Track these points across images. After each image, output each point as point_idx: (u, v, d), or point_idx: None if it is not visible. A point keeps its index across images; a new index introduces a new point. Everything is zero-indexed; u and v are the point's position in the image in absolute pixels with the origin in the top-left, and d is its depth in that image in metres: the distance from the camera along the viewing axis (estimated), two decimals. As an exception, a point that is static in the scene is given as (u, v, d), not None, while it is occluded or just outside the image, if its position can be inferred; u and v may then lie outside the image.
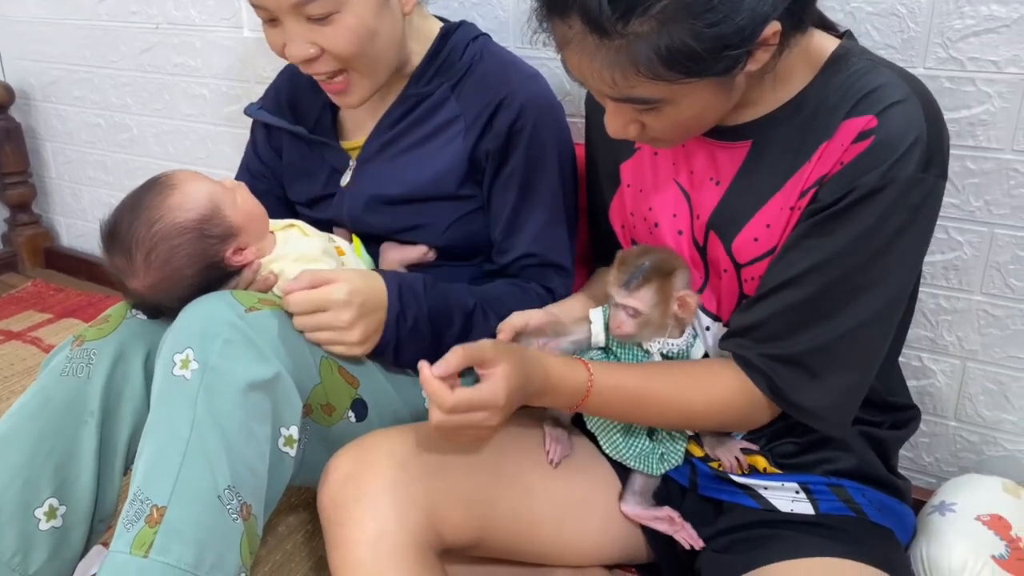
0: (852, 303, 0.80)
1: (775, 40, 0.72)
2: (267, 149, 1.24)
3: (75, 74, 2.02)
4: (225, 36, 1.71)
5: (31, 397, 0.95)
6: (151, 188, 0.96)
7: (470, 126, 1.08)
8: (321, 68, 1.02)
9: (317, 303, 0.92)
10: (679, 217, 0.93)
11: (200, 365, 0.84)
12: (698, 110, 0.78)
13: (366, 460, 0.87)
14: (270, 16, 0.99)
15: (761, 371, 0.84)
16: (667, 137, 0.83)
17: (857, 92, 0.79)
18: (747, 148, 0.86)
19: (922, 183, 0.77)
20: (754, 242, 0.86)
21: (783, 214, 0.84)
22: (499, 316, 1.01)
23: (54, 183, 2.22)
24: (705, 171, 0.90)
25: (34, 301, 2.02)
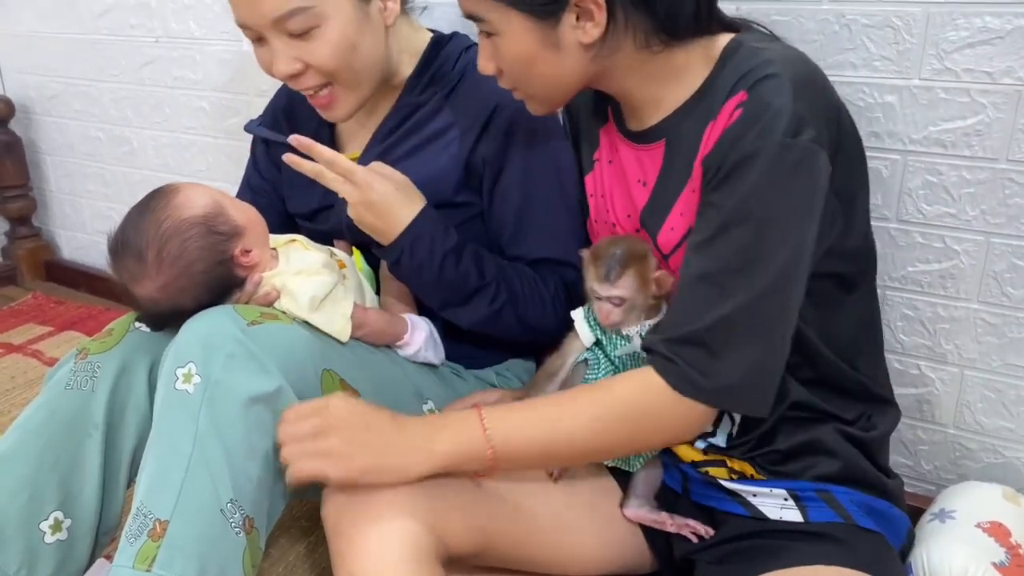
0: (743, 274, 0.80)
1: (599, 11, 0.81)
2: (267, 164, 1.25)
3: (75, 87, 2.03)
4: (225, 49, 1.72)
5: (35, 411, 0.96)
6: (154, 195, 0.98)
7: (465, 133, 1.09)
8: (307, 83, 1.04)
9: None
10: (633, 217, 0.97)
11: (203, 379, 0.85)
12: (521, 52, 0.85)
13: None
14: (256, 35, 1.02)
15: (664, 356, 0.82)
16: (519, 84, 0.91)
17: (737, 75, 0.83)
18: (662, 148, 0.91)
19: (792, 148, 0.77)
20: (671, 231, 0.90)
21: (691, 197, 0.87)
22: (511, 296, 1.06)
23: (54, 196, 2.23)
24: (634, 174, 0.95)
25: (34, 314, 2.02)
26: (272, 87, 1.65)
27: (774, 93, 0.79)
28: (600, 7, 0.81)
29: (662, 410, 0.84)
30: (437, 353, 1.12)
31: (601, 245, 0.92)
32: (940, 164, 1.08)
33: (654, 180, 0.92)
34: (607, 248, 0.91)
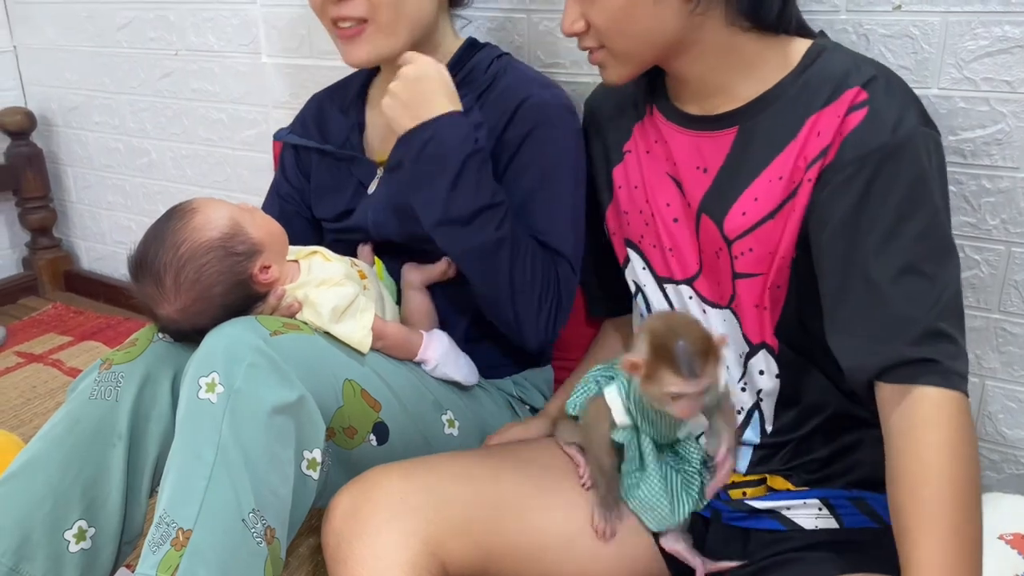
0: (937, 257, 0.82)
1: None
2: (295, 172, 1.27)
3: (95, 100, 2.05)
4: (243, 62, 1.74)
5: (60, 420, 0.97)
6: (172, 215, 0.98)
7: (492, 130, 1.10)
8: (348, 11, 1.05)
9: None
10: (673, 206, 0.98)
11: (225, 389, 0.86)
12: (626, 3, 0.86)
13: (366, 496, 0.89)
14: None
15: (923, 360, 0.78)
16: (607, 39, 0.90)
17: (836, 72, 0.86)
18: (733, 135, 0.92)
19: (931, 135, 0.83)
20: (742, 216, 0.90)
21: (773, 185, 0.88)
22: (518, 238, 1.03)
23: (74, 207, 2.25)
24: (690, 161, 0.96)
25: (55, 324, 2.04)
26: (290, 98, 1.67)
27: (896, 89, 0.84)
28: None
29: (963, 419, 0.78)
30: (459, 370, 1.11)
31: (656, 343, 0.84)
32: (959, 173, 1.08)
33: (718, 166, 0.93)
34: (667, 343, 0.83)
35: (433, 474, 0.92)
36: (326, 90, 1.31)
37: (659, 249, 1.00)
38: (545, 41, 1.35)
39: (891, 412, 0.80)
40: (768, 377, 0.95)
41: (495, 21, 1.38)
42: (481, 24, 1.39)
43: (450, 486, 0.92)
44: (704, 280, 0.97)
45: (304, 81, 1.65)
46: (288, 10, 1.63)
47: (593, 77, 1.31)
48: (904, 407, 0.79)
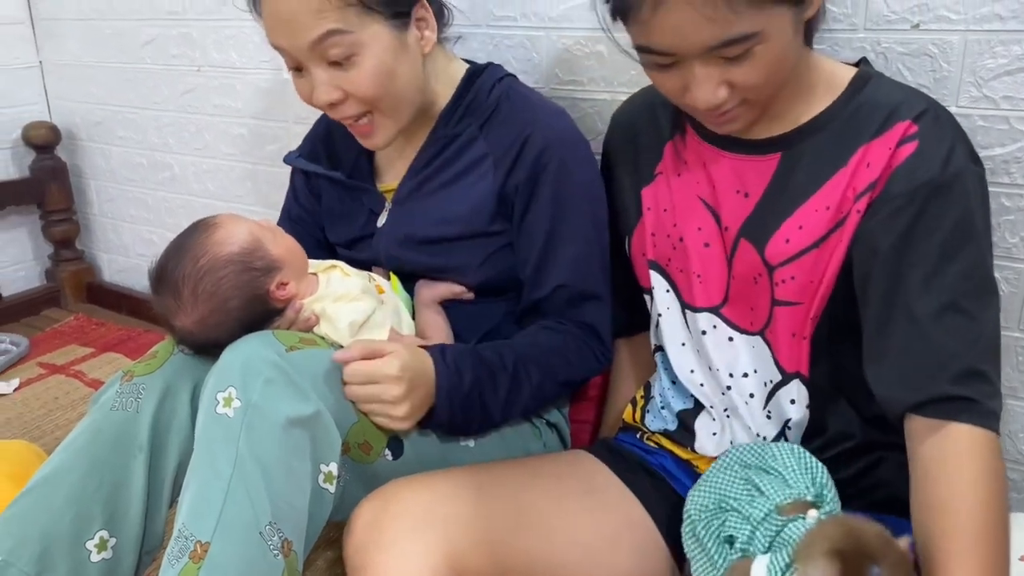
0: (978, 294, 0.82)
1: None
2: (306, 195, 1.28)
3: (119, 115, 2.08)
4: (264, 78, 1.76)
5: (82, 431, 0.98)
6: (194, 230, 1.00)
7: (498, 162, 1.10)
8: (346, 112, 1.05)
9: (369, 375, 0.93)
10: (704, 230, 0.97)
11: (243, 403, 0.86)
12: (780, 50, 0.81)
13: (387, 509, 0.89)
14: (295, 63, 1.04)
15: (962, 399, 0.79)
16: (754, 93, 0.84)
17: (886, 103, 0.87)
18: (777, 160, 0.91)
19: (978, 172, 0.84)
20: (786, 243, 0.90)
21: (819, 215, 0.88)
22: (539, 367, 1.05)
23: (97, 220, 2.28)
24: (730, 184, 0.95)
25: (77, 335, 2.07)
26: (310, 115, 1.68)
27: (946, 124, 0.85)
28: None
29: (996, 458, 0.79)
30: None
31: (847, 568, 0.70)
32: (979, 191, 1.07)
33: (761, 191, 0.92)
34: (860, 569, 0.70)
35: (454, 487, 0.93)
36: None
37: (686, 274, 1.00)
38: (563, 59, 1.36)
39: (922, 442, 0.81)
40: (798, 407, 0.94)
41: (513, 39, 1.39)
42: (499, 42, 1.40)
43: (471, 499, 0.92)
44: (734, 307, 0.96)
45: (324, 97, 1.67)
46: (309, 27, 1.65)
47: (611, 94, 1.32)
48: (937, 440, 0.80)
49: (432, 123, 1.15)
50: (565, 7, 1.32)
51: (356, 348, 0.95)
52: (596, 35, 1.31)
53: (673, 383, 1.07)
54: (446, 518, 0.89)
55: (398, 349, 0.95)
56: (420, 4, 1.05)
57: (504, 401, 1.04)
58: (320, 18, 0.97)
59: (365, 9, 0.99)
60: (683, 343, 1.03)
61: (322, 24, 0.98)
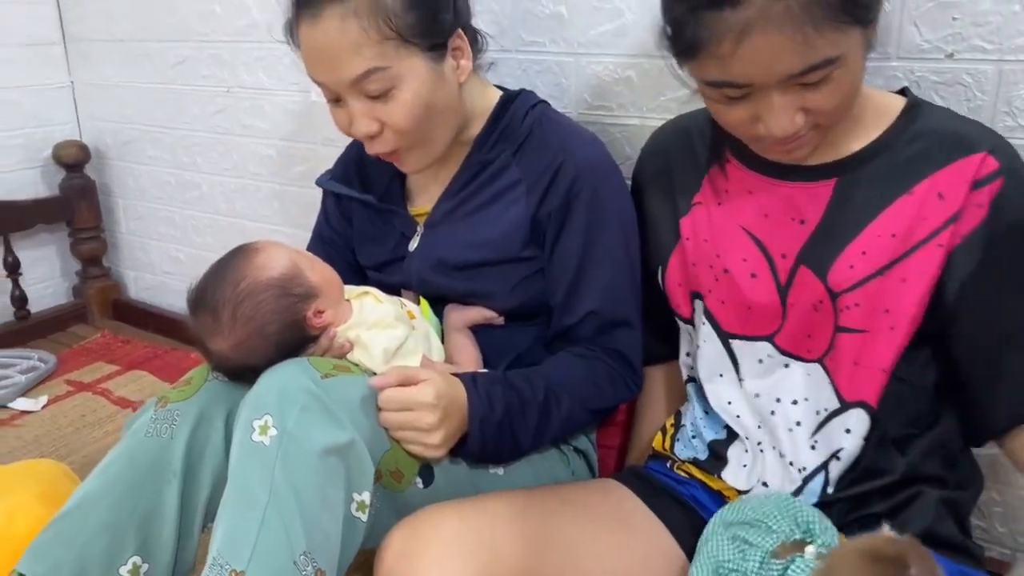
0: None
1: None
2: (338, 217, 1.29)
3: (149, 134, 2.10)
4: (294, 100, 1.78)
5: (116, 457, 0.99)
6: (236, 253, 1.01)
7: (531, 189, 1.10)
8: (383, 147, 1.07)
9: (405, 402, 0.94)
10: (750, 261, 0.97)
11: (278, 432, 0.87)
12: (855, 73, 0.83)
13: (419, 536, 0.89)
14: (334, 95, 1.05)
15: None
16: (827, 118, 0.85)
17: (947, 132, 0.89)
18: (832, 186, 0.92)
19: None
20: (850, 269, 0.90)
21: (883, 241, 0.89)
22: (570, 396, 1.05)
23: (124, 238, 2.31)
24: (783, 212, 0.95)
25: (103, 352, 2.08)
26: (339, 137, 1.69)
27: (1016, 155, 0.87)
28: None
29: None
30: None
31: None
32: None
33: (818, 217, 0.93)
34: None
35: (486, 515, 0.92)
36: None
37: (730, 305, 0.99)
38: (592, 84, 1.36)
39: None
40: (854, 437, 0.93)
41: (542, 64, 1.40)
42: (528, 67, 1.41)
43: (502, 527, 0.92)
44: (789, 334, 0.96)
45: (353, 119, 1.68)
46: (338, 50, 1.66)
47: (641, 119, 1.33)
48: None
49: (466, 148, 1.16)
50: (595, 33, 1.33)
51: (392, 375, 0.95)
52: (626, 61, 1.32)
53: (706, 413, 1.06)
54: (477, 546, 0.89)
55: (433, 376, 0.96)
56: (456, 34, 1.06)
57: (534, 430, 1.04)
58: (359, 54, 0.99)
59: (403, 42, 1.00)
60: (721, 374, 1.03)
61: (362, 63, 0.99)
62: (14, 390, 1.81)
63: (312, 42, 1.01)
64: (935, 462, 0.93)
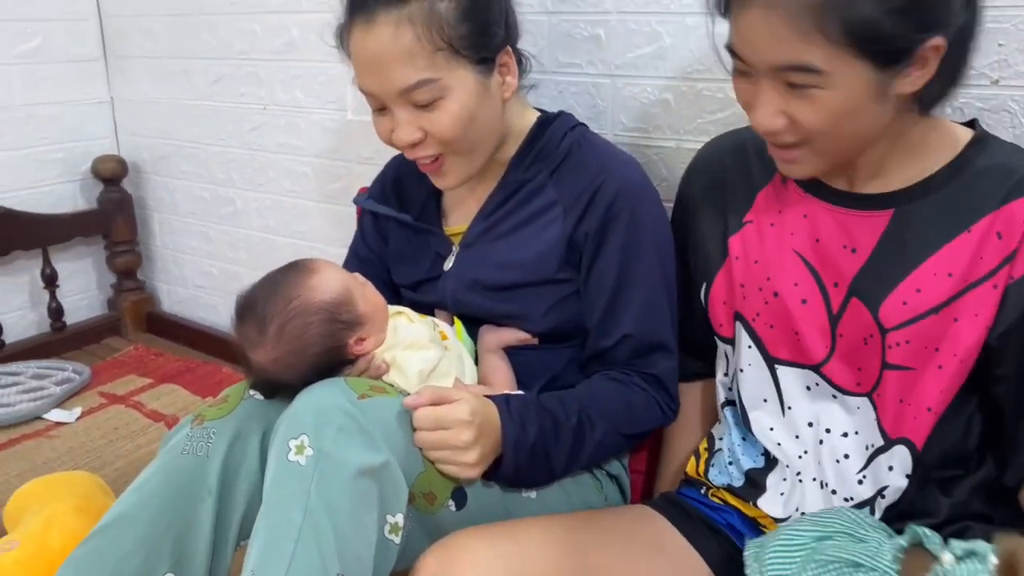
0: None
1: (934, 60, 0.78)
2: (374, 236, 1.30)
3: (185, 150, 2.13)
4: (329, 118, 1.80)
5: (153, 474, 0.99)
6: (292, 268, 1.02)
7: (568, 210, 1.10)
8: (424, 152, 1.07)
9: (440, 420, 0.93)
10: (801, 286, 0.95)
11: (315, 452, 0.87)
12: (848, 104, 0.80)
13: (452, 560, 0.89)
14: (380, 104, 1.06)
15: None
16: (817, 139, 0.84)
17: (1011, 168, 0.86)
18: (888, 217, 0.90)
19: None
20: (903, 305, 0.88)
21: (939, 279, 0.87)
22: (603, 420, 1.04)
23: (158, 251, 2.33)
24: (836, 238, 0.93)
25: (136, 365, 2.10)
26: (373, 155, 1.71)
27: None
28: (938, 56, 0.79)
29: None
30: None
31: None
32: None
33: (871, 248, 0.91)
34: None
35: (518, 542, 0.92)
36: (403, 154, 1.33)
37: (779, 330, 0.98)
38: (628, 106, 1.36)
39: None
40: (897, 475, 0.92)
41: (579, 86, 1.40)
42: (564, 88, 1.41)
43: (535, 554, 0.91)
44: (838, 365, 0.94)
45: (387, 138, 1.69)
46: (375, 70, 1.68)
47: (677, 142, 1.32)
48: None
49: (502, 168, 1.16)
50: (632, 55, 1.33)
51: (425, 394, 0.95)
52: (663, 83, 1.31)
53: (744, 439, 1.05)
54: (508, 571, 0.88)
55: (466, 395, 0.95)
56: (505, 51, 1.08)
57: (568, 453, 1.03)
58: (411, 64, 1.00)
59: (454, 54, 1.01)
60: (765, 399, 1.01)
61: (413, 73, 1.00)
62: (49, 401, 1.83)
63: (364, 48, 1.02)
64: (982, 501, 0.91)
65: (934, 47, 0.78)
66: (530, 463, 1.00)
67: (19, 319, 2.17)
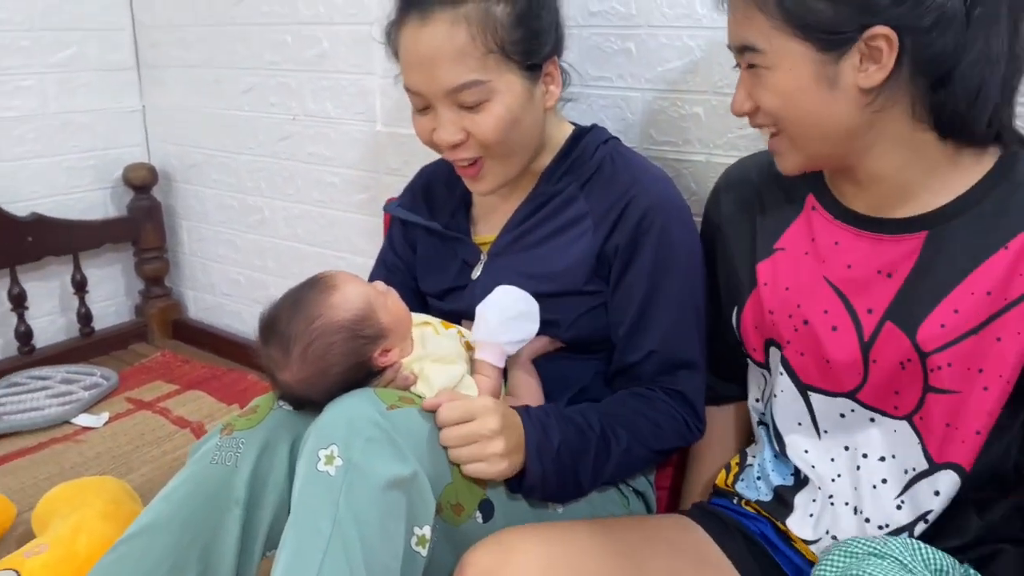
0: None
1: (888, 54, 0.80)
2: (403, 244, 1.30)
3: (215, 158, 2.15)
4: (358, 129, 1.80)
5: (181, 483, 1.00)
6: (312, 286, 1.02)
7: (599, 223, 1.10)
8: (463, 153, 1.08)
9: (466, 412, 0.94)
10: (831, 313, 0.94)
11: (344, 462, 0.87)
12: (792, 85, 0.84)
13: (506, 559, 0.88)
14: (424, 103, 1.07)
15: None
16: (779, 120, 0.88)
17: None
18: (922, 239, 0.89)
19: None
20: (941, 328, 0.87)
21: (977, 299, 0.85)
22: (628, 431, 1.03)
23: (186, 259, 2.35)
24: (870, 265, 0.92)
25: (162, 371, 2.12)
26: (401, 166, 1.72)
27: None
28: (891, 48, 0.80)
29: None
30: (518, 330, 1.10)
31: None
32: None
33: (906, 272, 0.90)
34: None
35: (570, 542, 0.91)
36: (435, 163, 1.33)
37: (809, 358, 0.97)
38: (658, 120, 1.36)
39: None
40: (942, 499, 0.90)
41: (608, 99, 1.40)
42: (593, 102, 1.41)
43: (588, 553, 0.91)
44: (874, 391, 0.93)
45: (415, 150, 1.69)
46: (404, 81, 1.69)
47: (707, 155, 1.32)
48: None
49: (534, 179, 1.17)
50: (663, 69, 1.33)
51: (443, 395, 0.96)
52: (694, 97, 1.31)
53: (776, 456, 1.04)
54: (567, 570, 0.88)
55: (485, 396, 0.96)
56: (551, 60, 1.09)
57: (593, 463, 1.02)
58: (462, 63, 1.01)
59: (505, 58, 1.03)
60: (800, 423, 1.00)
61: (464, 73, 1.01)
62: (78, 406, 1.85)
63: (416, 45, 1.03)
64: (1018, 524, 0.89)
65: (882, 36, 0.80)
66: (556, 470, 0.99)
67: (49, 324, 2.20)
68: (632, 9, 1.34)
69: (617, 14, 1.35)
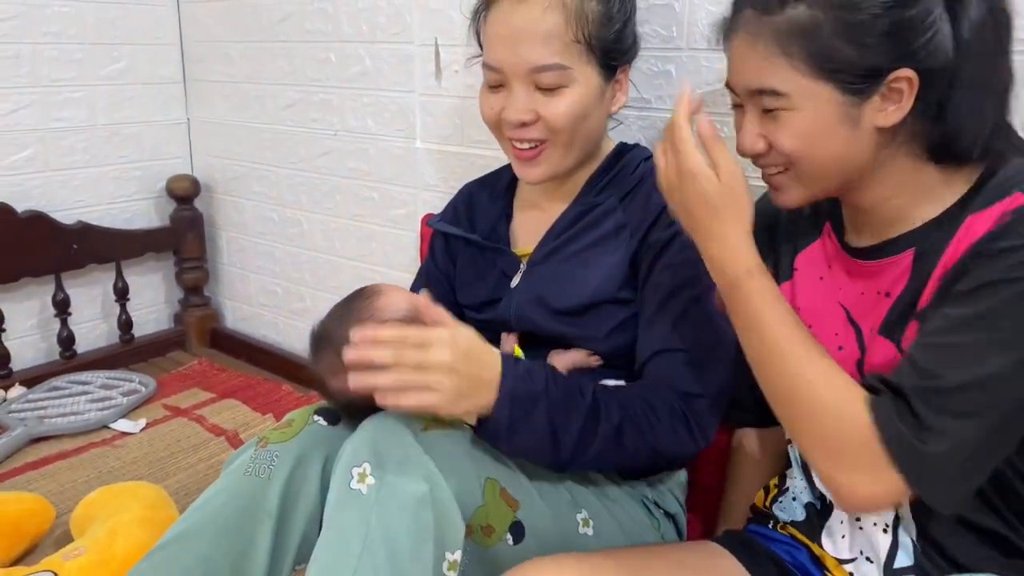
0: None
1: (908, 94, 0.81)
2: (444, 257, 1.32)
3: (256, 172, 2.19)
4: (398, 145, 1.83)
5: (215, 494, 1.01)
6: (359, 295, 1.05)
7: (635, 232, 1.12)
8: (528, 134, 1.10)
9: (423, 339, 0.89)
10: (840, 335, 0.94)
11: (376, 481, 0.88)
12: (817, 128, 0.84)
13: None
14: (500, 81, 1.10)
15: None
16: (795, 163, 0.87)
17: (1006, 176, 0.84)
18: (911, 256, 0.89)
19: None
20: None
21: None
22: (622, 408, 0.99)
23: (225, 269, 2.39)
24: (873, 287, 0.93)
25: (199, 379, 2.15)
26: (439, 183, 1.74)
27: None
28: (911, 89, 0.81)
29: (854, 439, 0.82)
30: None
31: None
32: None
33: (901, 288, 0.90)
34: None
35: (608, 571, 0.90)
36: (477, 181, 1.36)
37: None
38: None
39: None
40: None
41: (647, 120, 1.40)
42: (632, 123, 1.42)
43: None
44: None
45: (454, 167, 1.72)
46: (445, 100, 1.71)
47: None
48: None
49: (573, 192, 1.19)
50: (702, 91, 1.32)
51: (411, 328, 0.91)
52: (731, 119, 1.30)
53: (804, 476, 1.03)
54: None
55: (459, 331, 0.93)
56: (624, 69, 1.14)
57: (580, 430, 0.96)
58: (549, 45, 1.05)
59: (588, 51, 1.07)
60: None
61: (551, 55, 1.05)
62: (116, 411, 1.89)
63: (509, 20, 1.07)
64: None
65: (905, 79, 0.80)
66: (528, 422, 0.94)
67: (91, 329, 2.24)
68: (673, 32, 1.34)
69: (658, 36, 1.36)
